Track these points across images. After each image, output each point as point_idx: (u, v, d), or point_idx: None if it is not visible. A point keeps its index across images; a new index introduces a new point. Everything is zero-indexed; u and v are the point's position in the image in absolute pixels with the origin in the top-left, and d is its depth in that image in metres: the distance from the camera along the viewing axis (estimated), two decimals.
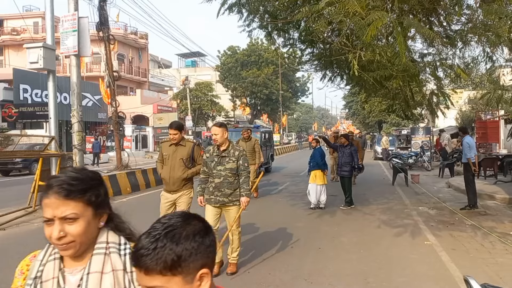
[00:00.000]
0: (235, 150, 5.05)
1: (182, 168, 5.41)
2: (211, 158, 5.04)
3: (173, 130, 5.40)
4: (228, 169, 4.96)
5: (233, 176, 4.99)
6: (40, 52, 8.85)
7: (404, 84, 7.27)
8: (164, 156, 5.55)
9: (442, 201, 10.23)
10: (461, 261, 5.65)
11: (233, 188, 5.00)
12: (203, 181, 5.20)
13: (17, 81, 26.95)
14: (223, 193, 4.98)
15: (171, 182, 5.41)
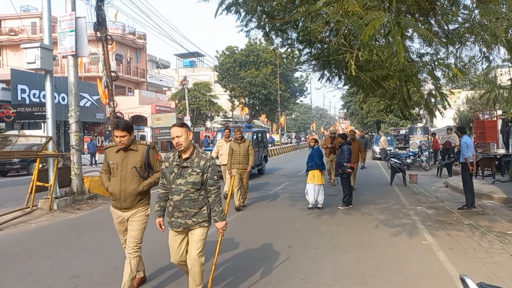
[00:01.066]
0: (200, 159, 3.92)
1: (136, 179, 4.33)
2: (170, 169, 3.95)
3: (120, 131, 4.23)
4: (190, 183, 3.87)
5: (196, 192, 3.91)
6: (38, 52, 8.83)
7: (401, 84, 7.28)
8: (110, 165, 4.39)
9: (440, 201, 10.25)
10: (458, 260, 5.66)
11: (197, 206, 3.93)
12: (162, 197, 4.10)
13: (15, 82, 26.90)
14: (184, 213, 3.92)
15: (122, 197, 4.31)
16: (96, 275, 5.06)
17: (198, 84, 41.38)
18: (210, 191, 3.96)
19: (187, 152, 3.93)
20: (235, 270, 5.32)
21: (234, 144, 9.75)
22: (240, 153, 9.56)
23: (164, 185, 4.06)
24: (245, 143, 9.69)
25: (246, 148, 9.61)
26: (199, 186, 3.91)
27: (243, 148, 9.60)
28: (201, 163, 3.91)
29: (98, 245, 6.51)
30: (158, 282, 4.91)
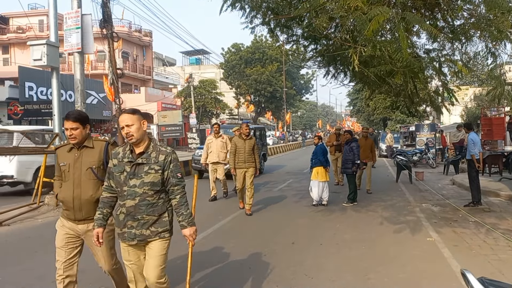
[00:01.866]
0: (159, 153, 3.20)
1: (92, 182, 3.52)
2: (121, 167, 3.18)
3: (70, 122, 3.47)
4: (147, 184, 3.13)
5: (155, 195, 3.18)
6: (44, 49, 8.89)
7: (407, 80, 7.24)
8: (61, 167, 3.57)
9: (445, 198, 10.19)
10: (463, 257, 5.63)
11: (157, 212, 3.19)
12: (106, 203, 3.28)
13: (23, 79, 27.08)
14: (141, 222, 3.16)
15: (76, 206, 3.48)
16: (101, 271, 5.08)
17: (204, 82, 41.41)
18: (174, 192, 3.22)
19: (141, 145, 3.20)
20: (237, 266, 5.34)
21: (239, 140, 8.75)
22: (246, 151, 8.65)
23: (110, 188, 3.27)
24: (251, 140, 8.79)
25: (252, 146, 8.72)
26: (159, 187, 3.18)
27: (248, 145, 8.70)
28: (160, 158, 3.18)
29: None
30: None
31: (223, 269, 5.20)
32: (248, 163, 8.74)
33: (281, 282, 4.76)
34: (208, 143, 10.49)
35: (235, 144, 8.79)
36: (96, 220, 3.26)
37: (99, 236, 3.22)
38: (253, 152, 8.77)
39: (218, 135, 10.45)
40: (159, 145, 3.28)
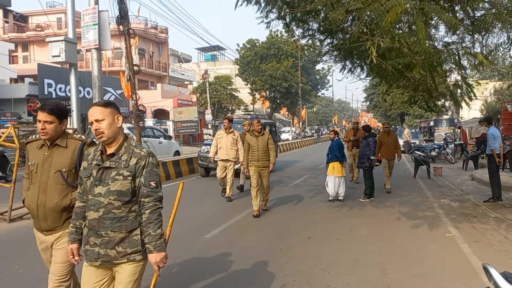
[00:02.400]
0: (131, 156, 2.60)
1: (60, 188, 3.00)
2: (88, 171, 2.64)
3: (45, 114, 2.96)
4: (113, 192, 2.54)
5: (124, 207, 2.57)
6: (62, 45, 9.02)
7: (426, 74, 7.12)
8: (29, 166, 3.08)
9: (465, 194, 10.02)
10: (483, 253, 5.53)
11: (124, 228, 2.57)
12: (78, 214, 2.75)
13: (42, 76, 27.54)
14: (105, 239, 2.56)
15: (41, 214, 2.99)
16: None
17: (219, 78, 41.50)
18: (143, 205, 2.58)
19: (113, 145, 2.63)
20: (253, 260, 5.33)
21: (251, 138, 8.17)
22: (259, 148, 8.05)
23: (81, 196, 2.73)
24: (264, 136, 8.13)
25: (266, 142, 8.09)
26: (128, 197, 2.57)
27: (261, 142, 8.08)
28: (131, 162, 2.57)
29: None
30: None
31: (239, 262, 5.20)
32: (262, 161, 8.10)
33: (298, 276, 4.74)
34: (218, 138, 9.83)
35: (247, 143, 8.20)
36: (69, 234, 2.75)
37: (74, 253, 2.71)
38: (268, 149, 8.14)
39: (229, 130, 9.75)
40: (134, 145, 2.65)
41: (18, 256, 5.44)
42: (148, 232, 2.57)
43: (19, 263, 5.16)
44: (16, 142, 7.29)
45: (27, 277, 4.71)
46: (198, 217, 7.92)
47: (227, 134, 9.70)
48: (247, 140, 8.22)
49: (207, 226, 7.03)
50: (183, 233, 6.72)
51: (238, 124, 14.28)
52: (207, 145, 13.88)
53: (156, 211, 2.60)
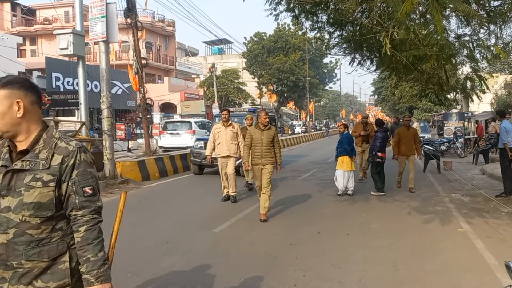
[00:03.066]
0: (55, 151, 1.83)
1: None
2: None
3: None
4: (28, 205, 1.78)
5: (45, 226, 1.82)
6: (70, 38, 8.99)
7: (438, 66, 6.99)
8: None
9: (476, 188, 9.89)
10: (497, 248, 5.43)
11: (47, 255, 1.82)
12: None
13: (50, 70, 27.66)
14: (18, 272, 1.80)
15: None
16: (128, 256, 5.12)
17: (226, 71, 41.42)
18: (76, 221, 1.85)
19: (23, 139, 1.85)
20: (263, 255, 5.28)
21: (256, 131, 7.21)
22: (263, 143, 7.11)
23: None
24: (270, 131, 7.21)
25: (271, 138, 7.19)
26: (51, 211, 1.82)
27: (267, 137, 7.14)
28: (54, 161, 1.82)
29: (127, 229, 6.60)
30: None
31: (248, 257, 5.15)
32: (266, 158, 7.17)
33: (308, 271, 4.68)
34: (216, 133, 8.80)
35: (250, 136, 7.23)
36: None
37: None
38: (273, 145, 7.25)
39: (228, 123, 8.80)
40: (58, 137, 1.87)
41: None
42: (86, 257, 1.82)
43: None
44: None
45: None
46: (206, 212, 7.88)
47: (225, 127, 8.74)
48: (250, 133, 7.25)
49: (216, 220, 6.99)
50: (191, 227, 6.70)
51: (235, 117, 12.77)
52: (200, 140, 12.85)
53: (95, 227, 1.87)
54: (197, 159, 12.36)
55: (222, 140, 8.67)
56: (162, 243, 5.78)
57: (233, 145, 8.71)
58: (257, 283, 4.36)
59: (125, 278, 4.44)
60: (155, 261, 5.00)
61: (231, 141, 8.68)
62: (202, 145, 11.57)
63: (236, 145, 8.73)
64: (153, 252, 5.36)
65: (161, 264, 4.89)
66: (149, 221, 7.07)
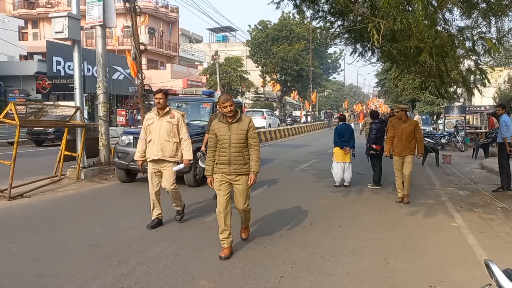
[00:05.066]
0: None
1: None
2: None
3: None
4: None
5: None
6: (65, 21, 8.86)
7: (437, 59, 6.86)
8: None
9: (473, 183, 9.81)
10: (489, 244, 5.38)
11: None
12: None
13: (51, 54, 27.51)
14: None
15: None
16: (116, 244, 5.10)
17: (229, 59, 41.15)
18: None
19: None
20: (253, 245, 5.24)
21: (220, 126, 4.83)
22: (231, 143, 4.77)
23: None
24: (242, 123, 4.83)
25: (244, 134, 4.81)
26: None
27: (237, 133, 4.79)
28: None
29: (121, 215, 6.57)
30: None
31: (238, 247, 5.10)
32: (236, 166, 4.82)
33: (297, 263, 4.63)
34: (147, 126, 5.91)
35: (213, 133, 4.86)
36: None
37: None
38: (247, 145, 4.87)
39: (164, 111, 5.85)
40: None
41: (15, 235, 5.41)
42: None
43: (15, 241, 5.13)
44: (16, 119, 7.21)
45: (20, 257, 4.66)
46: (198, 201, 7.83)
47: (160, 116, 5.85)
48: (213, 130, 4.85)
49: (208, 209, 6.94)
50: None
51: (183, 102, 10.28)
52: (128, 134, 9.27)
53: None
54: (123, 160, 8.81)
55: (154, 135, 5.81)
56: (152, 231, 5.73)
57: (171, 143, 5.82)
58: (244, 273, 4.31)
59: (109, 266, 4.40)
60: (143, 250, 4.96)
61: (167, 137, 5.79)
62: (131, 141, 8.82)
63: (175, 143, 5.87)
64: (141, 240, 5.32)
65: (149, 253, 4.85)
66: (138, 210, 7.02)
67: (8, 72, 27.86)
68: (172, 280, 4.10)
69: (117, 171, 9.27)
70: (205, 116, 9.70)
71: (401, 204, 7.69)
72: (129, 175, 9.26)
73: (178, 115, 5.96)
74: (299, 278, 4.25)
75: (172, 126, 5.85)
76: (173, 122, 5.86)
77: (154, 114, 5.91)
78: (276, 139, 24.68)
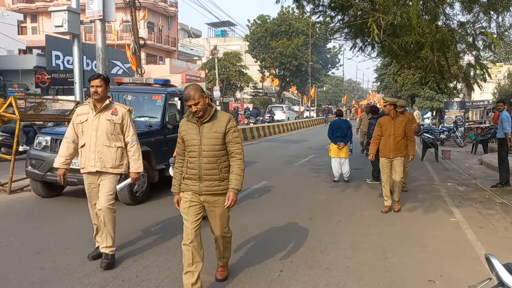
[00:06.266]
0: None
1: None
2: None
3: None
4: None
5: None
6: (65, 15, 8.84)
7: (438, 54, 6.85)
8: None
9: (472, 178, 9.84)
10: (488, 239, 5.40)
11: None
12: None
13: (50, 48, 27.42)
14: None
15: None
16: (116, 238, 5.10)
17: (229, 54, 41.04)
18: None
19: None
20: (252, 240, 5.26)
21: (189, 126, 3.61)
22: (202, 150, 3.54)
23: None
24: (217, 123, 3.56)
25: (220, 139, 3.55)
26: None
27: (209, 136, 3.54)
28: None
29: (124, 210, 6.58)
30: None
31: (237, 242, 5.12)
32: (210, 183, 3.59)
33: (296, 257, 4.66)
34: (79, 123, 4.36)
35: (181, 138, 3.66)
36: None
37: None
38: (228, 152, 3.62)
39: (102, 104, 4.34)
40: None
41: (16, 228, 5.43)
42: None
43: (16, 235, 5.14)
44: (17, 113, 7.20)
45: (21, 250, 4.67)
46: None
47: (97, 112, 4.31)
48: (180, 132, 3.65)
49: None
50: None
51: (127, 93, 8.02)
52: (44, 134, 7.03)
53: None
54: (37, 170, 6.70)
55: (89, 138, 4.28)
56: (151, 224, 5.75)
57: (113, 149, 4.32)
58: (243, 267, 4.34)
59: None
60: (143, 243, 4.98)
61: (107, 141, 4.29)
62: (47, 143, 6.78)
63: (120, 149, 4.37)
64: (141, 234, 5.34)
65: (149, 246, 4.87)
66: (142, 206, 7.02)
67: (7, 66, 27.77)
68: (173, 274, 4.12)
69: (31, 183, 7.06)
70: (154, 111, 7.73)
71: (401, 199, 7.65)
72: (49, 188, 7.03)
73: (122, 111, 4.40)
74: (298, 272, 4.27)
75: (114, 126, 4.32)
76: (115, 121, 4.32)
77: (89, 109, 4.33)
78: (275, 134, 24.69)
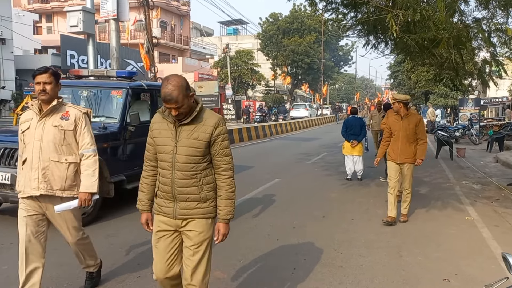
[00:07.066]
0: None
1: None
2: None
3: None
4: None
5: None
6: (80, 15, 8.96)
7: (454, 51, 6.78)
8: None
9: (488, 176, 9.71)
10: (504, 238, 5.34)
11: None
12: None
13: (65, 47, 27.71)
14: None
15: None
16: (131, 235, 5.16)
17: (240, 52, 41.04)
18: None
19: None
20: (265, 238, 5.28)
21: (163, 126, 2.63)
22: (176, 161, 2.59)
23: None
24: (201, 126, 2.57)
25: (201, 147, 2.58)
26: None
27: (188, 143, 2.56)
28: None
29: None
30: None
31: (250, 239, 5.15)
32: (186, 204, 2.68)
33: (309, 255, 4.66)
34: (21, 132, 3.30)
35: (152, 139, 2.70)
36: None
37: None
38: (210, 166, 2.72)
39: (48, 106, 3.23)
40: None
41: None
42: None
43: None
44: None
45: None
46: None
47: (41, 117, 3.24)
48: (151, 131, 2.73)
49: None
50: None
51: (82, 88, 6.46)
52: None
53: None
54: None
55: (32, 151, 3.23)
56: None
57: (63, 166, 3.27)
58: (257, 265, 4.36)
59: (126, 256, 4.47)
60: None
61: (55, 154, 3.24)
62: None
63: (73, 166, 3.32)
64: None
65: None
66: None
67: (24, 65, 28.17)
68: None
69: None
70: (112, 110, 6.39)
71: (415, 197, 7.32)
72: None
73: (76, 113, 3.34)
74: (312, 270, 4.27)
75: (65, 134, 3.27)
76: (64, 127, 3.27)
77: (34, 114, 3.29)
78: (286, 132, 24.67)
